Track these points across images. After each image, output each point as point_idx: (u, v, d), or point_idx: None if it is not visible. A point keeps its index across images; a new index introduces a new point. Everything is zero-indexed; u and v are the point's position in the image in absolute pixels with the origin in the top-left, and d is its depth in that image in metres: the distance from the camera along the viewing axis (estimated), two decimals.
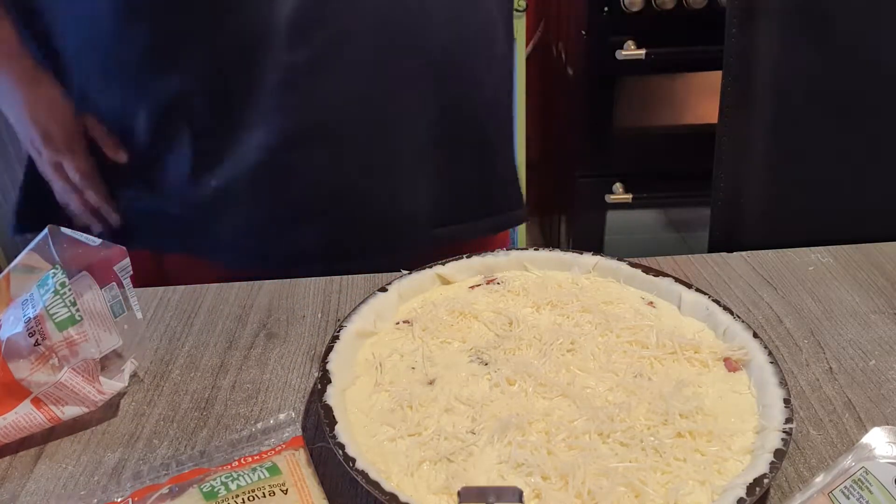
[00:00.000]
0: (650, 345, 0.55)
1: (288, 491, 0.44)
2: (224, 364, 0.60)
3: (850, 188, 0.83)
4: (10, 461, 0.52)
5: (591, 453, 0.46)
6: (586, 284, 0.62)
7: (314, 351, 0.62)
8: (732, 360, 0.54)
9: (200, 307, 0.68)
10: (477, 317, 0.59)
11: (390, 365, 0.54)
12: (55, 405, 0.52)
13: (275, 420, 0.52)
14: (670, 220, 1.96)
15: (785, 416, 0.47)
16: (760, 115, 0.80)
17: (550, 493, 0.43)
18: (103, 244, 0.56)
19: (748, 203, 0.83)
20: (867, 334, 0.62)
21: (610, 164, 1.79)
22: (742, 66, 0.79)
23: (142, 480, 0.47)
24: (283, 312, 0.67)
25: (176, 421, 0.55)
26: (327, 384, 0.50)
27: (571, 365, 0.53)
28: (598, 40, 1.59)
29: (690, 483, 0.44)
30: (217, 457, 0.49)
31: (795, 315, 0.65)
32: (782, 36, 0.78)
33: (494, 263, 0.64)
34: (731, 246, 0.77)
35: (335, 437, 0.46)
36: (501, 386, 0.51)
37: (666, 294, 0.61)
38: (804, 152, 0.82)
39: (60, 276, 0.52)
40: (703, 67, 1.61)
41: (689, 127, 1.74)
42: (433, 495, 0.44)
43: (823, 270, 0.71)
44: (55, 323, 0.51)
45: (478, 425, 0.48)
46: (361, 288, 0.69)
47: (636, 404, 0.50)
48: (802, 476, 0.49)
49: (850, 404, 0.55)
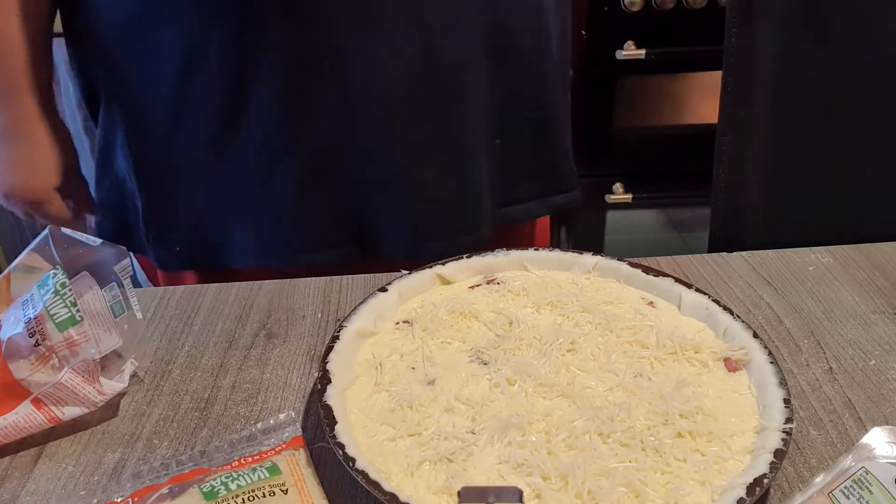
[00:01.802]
0: (650, 345, 0.55)
1: (288, 491, 0.44)
2: (224, 364, 0.60)
3: (850, 188, 0.83)
4: (10, 461, 0.52)
5: (592, 453, 0.46)
6: (586, 284, 0.62)
7: (314, 351, 0.62)
8: (732, 360, 0.54)
9: (200, 307, 0.68)
10: (477, 317, 0.59)
11: (390, 365, 0.54)
12: (55, 405, 0.52)
13: (275, 420, 0.52)
14: (670, 220, 1.95)
15: (785, 416, 0.47)
16: (760, 115, 0.80)
17: (550, 494, 0.43)
18: (104, 244, 0.56)
19: (748, 203, 0.83)
20: (867, 334, 0.62)
21: (610, 164, 1.78)
22: (742, 67, 0.79)
23: (142, 480, 0.47)
24: (283, 312, 0.67)
25: (176, 421, 0.55)
26: (327, 384, 0.50)
27: (571, 365, 0.53)
28: (598, 40, 1.59)
29: (690, 483, 0.44)
30: (217, 457, 0.49)
31: (795, 315, 0.65)
32: (782, 36, 0.78)
33: (494, 263, 0.64)
34: (731, 246, 0.77)
35: (335, 437, 0.46)
36: (501, 386, 0.51)
37: (666, 294, 0.61)
38: (804, 152, 0.82)
39: (61, 277, 0.52)
40: (703, 67, 1.61)
41: (689, 127, 1.74)
42: (433, 495, 0.44)
43: (823, 270, 0.71)
44: (55, 323, 0.51)
45: (478, 425, 0.48)
46: (361, 288, 0.69)
47: (636, 404, 0.50)
48: (802, 476, 0.49)
49: (850, 404, 0.55)
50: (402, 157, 0.77)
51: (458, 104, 0.77)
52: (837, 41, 0.78)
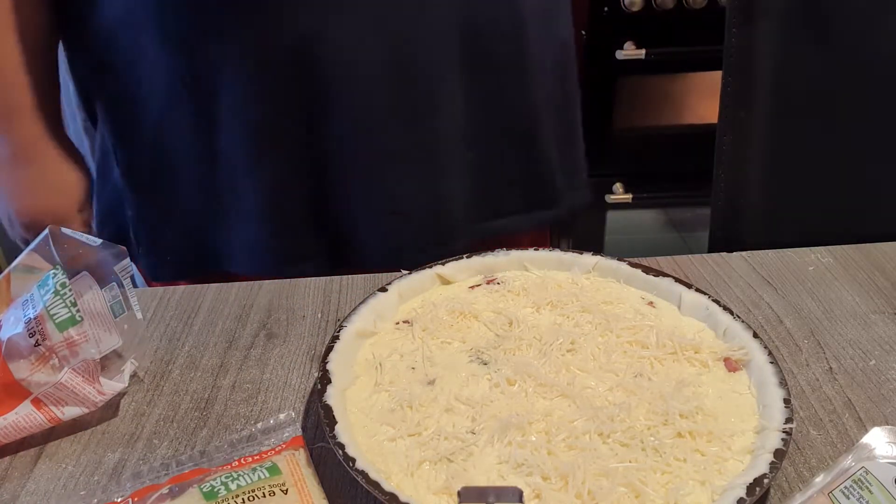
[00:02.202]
0: (650, 345, 0.55)
1: (288, 491, 0.44)
2: (224, 364, 0.60)
3: (849, 188, 0.83)
4: (10, 461, 0.52)
5: (592, 453, 0.46)
6: (586, 284, 0.62)
7: (314, 351, 0.62)
8: (732, 360, 0.54)
9: (200, 307, 0.68)
10: (477, 317, 0.59)
11: (390, 365, 0.54)
12: (55, 406, 0.52)
13: (275, 420, 0.52)
14: (670, 220, 1.95)
15: (785, 416, 0.47)
16: (760, 115, 0.80)
17: (550, 494, 0.43)
18: (104, 244, 0.56)
19: (748, 203, 0.83)
20: (867, 334, 0.62)
21: (610, 164, 1.78)
22: (742, 67, 0.79)
23: (142, 480, 0.47)
24: (283, 312, 0.67)
25: (176, 421, 0.55)
26: (327, 384, 0.50)
27: (571, 365, 0.53)
28: (598, 40, 1.59)
29: (690, 483, 0.44)
30: (217, 457, 0.49)
31: (795, 315, 0.65)
32: (782, 36, 0.78)
33: (494, 263, 0.64)
34: (731, 246, 0.77)
35: (335, 437, 0.46)
36: (501, 386, 0.51)
37: (666, 294, 0.61)
38: (804, 152, 0.82)
39: (61, 277, 0.52)
40: (703, 67, 1.61)
41: (689, 127, 1.74)
42: (433, 495, 0.44)
43: (823, 270, 0.71)
44: (55, 323, 0.51)
45: (478, 425, 0.48)
46: (361, 288, 0.69)
47: (636, 404, 0.50)
48: (802, 476, 0.49)
49: (850, 404, 0.55)
50: (374, 167, 0.76)
51: (429, 113, 0.75)
52: (837, 41, 0.78)
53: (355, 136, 0.74)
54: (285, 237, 0.78)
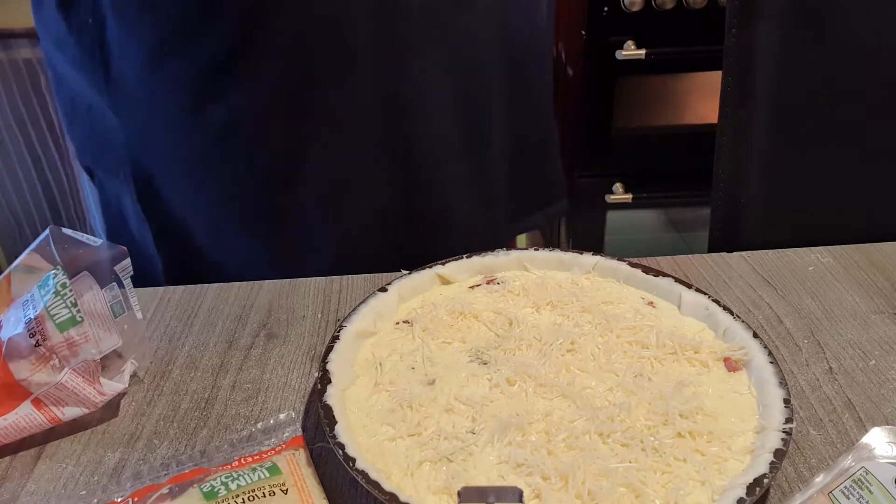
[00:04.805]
0: (650, 345, 0.55)
1: (288, 491, 0.44)
2: (224, 364, 0.60)
3: (849, 188, 0.83)
4: (10, 461, 0.52)
5: (591, 453, 0.46)
6: (586, 284, 0.62)
7: (314, 351, 0.62)
8: (732, 360, 0.54)
9: (200, 307, 0.68)
10: (477, 317, 0.59)
11: (390, 365, 0.54)
12: (55, 406, 0.52)
13: (275, 420, 0.52)
14: (670, 220, 1.96)
15: (785, 416, 0.47)
16: (760, 115, 0.80)
17: (550, 494, 0.43)
18: (104, 244, 0.56)
19: (748, 203, 0.83)
20: (867, 334, 0.62)
21: (610, 164, 1.78)
22: (742, 66, 0.79)
23: (142, 480, 0.47)
24: (283, 312, 0.67)
25: (176, 421, 0.55)
26: (327, 384, 0.50)
27: (571, 365, 0.53)
28: (598, 40, 1.59)
29: (690, 483, 0.44)
30: (217, 457, 0.49)
31: (795, 315, 0.65)
32: (782, 36, 0.78)
33: (494, 263, 0.64)
34: (731, 246, 0.77)
35: (335, 437, 0.46)
36: (501, 386, 0.52)
37: (666, 294, 0.61)
38: (804, 152, 0.82)
39: (61, 277, 0.52)
40: (703, 67, 1.61)
41: (689, 127, 1.74)
42: (433, 495, 0.44)
43: (823, 270, 0.71)
44: (56, 324, 0.51)
45: (478, 425, 0.48)
46: (361, 288, 0.69)
47: (636, 404, 0.50)
48: (802, 476, 0.49)
49: (850, 404, 0.55)
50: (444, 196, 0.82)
51: (486, 137, 0.81)
52: (837, 41, 0.78)
53: (426, 166, 0.79)
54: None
